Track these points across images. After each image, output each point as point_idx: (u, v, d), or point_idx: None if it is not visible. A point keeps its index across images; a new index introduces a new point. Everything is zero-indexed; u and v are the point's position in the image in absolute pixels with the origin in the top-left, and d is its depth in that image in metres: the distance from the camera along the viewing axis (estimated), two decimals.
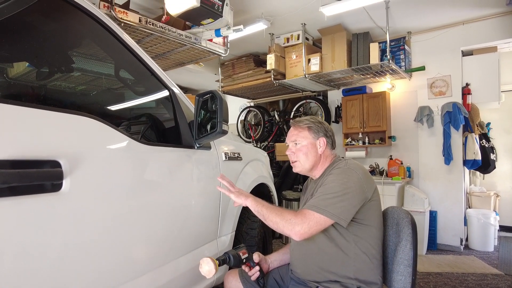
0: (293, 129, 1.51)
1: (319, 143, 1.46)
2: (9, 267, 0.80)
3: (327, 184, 1.32)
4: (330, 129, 1.52)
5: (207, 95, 1.51)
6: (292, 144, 1.49)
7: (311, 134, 1.46)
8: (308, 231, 1.23)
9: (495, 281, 3.11)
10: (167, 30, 2.64)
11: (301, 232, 1.22)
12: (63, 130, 0.97)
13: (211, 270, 1.25)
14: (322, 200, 1.27)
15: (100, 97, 1.90)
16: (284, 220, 1.25)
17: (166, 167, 1.42)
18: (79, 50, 1.67)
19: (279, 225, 1.26)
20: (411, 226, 1.31)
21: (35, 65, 1.66)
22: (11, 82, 1.65)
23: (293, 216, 1.25)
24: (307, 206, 1.28)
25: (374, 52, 3.89)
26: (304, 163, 1.46)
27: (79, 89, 1.87)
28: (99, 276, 1.06)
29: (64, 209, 0.93)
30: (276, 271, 1.57)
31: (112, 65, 1.72)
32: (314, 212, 1.24)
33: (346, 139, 4.84)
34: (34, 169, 0.83)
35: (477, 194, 4.51)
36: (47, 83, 1.64)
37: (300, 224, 1.22)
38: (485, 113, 4.72)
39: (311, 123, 1.48)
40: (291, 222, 1.24)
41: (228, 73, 5.16)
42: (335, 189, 1.28)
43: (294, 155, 1.48)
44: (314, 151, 1.46)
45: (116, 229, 1.12)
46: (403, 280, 1.28)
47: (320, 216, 1.24)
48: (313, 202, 1.28)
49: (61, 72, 1.70)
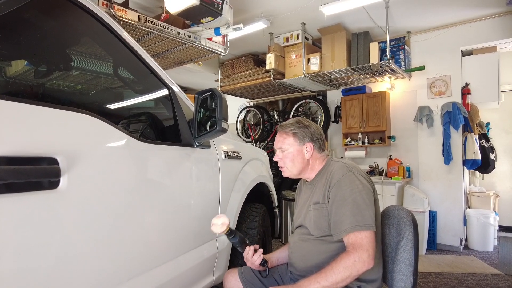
0: (279, 135, 1.49)
1: (305, 149, 1.44)
2: (6, 264, 0.79)
3: (347, 198, 1.28)
4: (317, 132, 1.47)
5: (207, 93, 1.50)
6: (279, 150, 1.48)
7: (297, 140, 1.44)
8: (371, 254, 1.20)
9: (495, 281, 3.10)
10: (166, 28, 2.63)
11: (369, 261, 1.19)
12: (60, 127, 0.96)
13: (225, 222, 1.31)
14: (356, 215, 1.24)
15: (99, 95, 1.88)
16: (349, 267, 1.17)
17: (165, 165, 1.41)
18: (78, 47, 1.65)
19: (351, 276, 1.18)
20: (412, 225, 1.30)
21: (33, 63, 1.64)
22: (9, 80, 1.64)
23: (351, 257, 1.19)
24: (349, 229, 1.23)
25: (374, 52, 3.88)
26: (291, 169, 1.45)
27: (77, 87, 1.86)
28: (96, 275, 1.05)
29: (62, 207, 0.91)
30: (275, 270, 1.57)
31: (111, 63, 1.71)
32: (361, 232, 1.22)
33: (346, 139, 4.83)
34: (30, 166, 0.82)
35: (476, 194, 4.50)
36: (45, 81, 1.62)
37: (360, 256, 1.18)
38: (485, 113, 4.72)
39: (296, 128, 1.45)
40: (355, 262, 1.18)
41: (227, 72, 5.15)
42: (360, 200, 1.27)
43: (281, 161, 1.47)
44: (301, 157, 1.44)
45: (114, 227, 1.11)
46: (404, 279, 1.27)
47: (367, 233, 1.22)
48: (351, 221, 1.23)
49: (59, 70, 1.68)
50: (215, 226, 1.32)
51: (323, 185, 1.36)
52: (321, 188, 1.38)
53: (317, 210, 1.36)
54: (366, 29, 4.13)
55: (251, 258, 1.45)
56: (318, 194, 1.38)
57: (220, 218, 1.32)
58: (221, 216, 1.33)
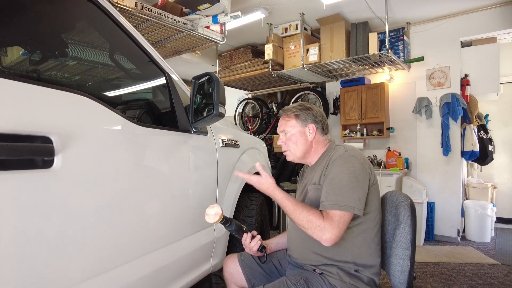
0: (282, 119, 1.50)
1: (308, 130, 1.44)
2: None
3: (335, 177, 1.28)
4: (320, 114, 1.48)
5: (204, 77, 1.48)
6: (282, 134, 1.48)
7: (299, 122, 1.44)
8: (339, 235, 1.19)
9: (492, 271, 3.12)
10: (163, 16, 2.60)
11: (332, 238, 1.18)
12: (55, 106, 0.94)
13: (218, 212, 1.30)
14: (338, 195, 1.23)
15: (95, 79, 1.86)
16: (313, 226, 1.20)
17: (162, 150, 1.39)
18: (73, 32, 1.63)
19: (308, 231, 1.22)
20: (410, 209, 1.29)
21: (28, 49, 1.62)
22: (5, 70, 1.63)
23: (321, 221, 1.20)
24: (327, 206, 1.23)
25: (373, 42, 3.86)
26: (295, 151, 1.45)
27: (73, 71, 1.84)
28: (91, 258, 1.04)
29: (56, 187, 0.90)
30: (274, 256, 1.57)
31: (107, 48, 1.69)
32: (337, 211, 1.21)
33: (344, 131, 4.82)
34: (23, 143, 0.80)
35: (474, 186, 4.51)
36: (41, 66, 1.60)
37: (329, 230, 1.18)
38: (484, 105, 4.70)
39: (298, 110, 1.45)
40: (320, 228, 1.19)
41: (225, 64, 5.12)
42: (346, 181, 1.25)
43: (284, 144, 1.47)
44: (304, 139, 1.44)
45: (109, 210, 1.10)
46: (401, 263, 1.26)
47: (344, 214, 1.21)
48: (331, 200, 1.23)
49: (55, 57, 1.66)
50: (209, 217, 1.31)
51: (323, 168, 1.36)
52: (319, 171, 1.37)
53: (314, 191, 1.36)
54: (365, 20, 4.10)
55: (249, 245, 1.45)
56: (317, 175, 1.38)
57: (213, 208, 1.32)
58: (214, 206, 1.32)
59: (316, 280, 1.28)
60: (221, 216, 1.32)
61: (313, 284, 1.27)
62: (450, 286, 2.80)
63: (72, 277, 0.97)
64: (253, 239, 1.46)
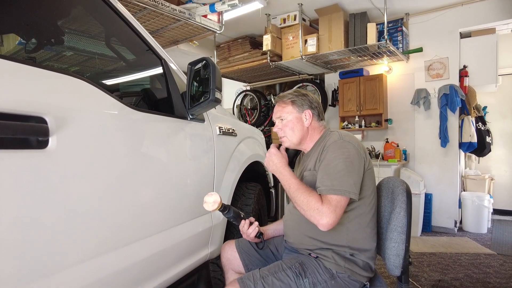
0: (277, 105, 1.49)
1: (304, 116, 1.44)
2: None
3: (330, 162, 1.28)
4: (315, 100, 1.48)
5: (200, 63, 1.48)
6: (278, 120, 1.48)
7: (295, 108, 1.44)
8: (336, 220, 1.19)
9: (488, 260, 3.15)
10: (160, 4, 2.58)
11: (330, 223, 1.18)
12: (50, 88, 0.94)
13: (217, 200, 1.31)
14: (333, 180, 1.23)
15: (91, 66, 1.85)
16: (311, 208, 1.21)
17: (158, 135, 1.39)
18: (69, 17, 1.61)
19: (306, 213, 1.23)
20: (405, 193, 1.30)
21: (23, 37, 1.61)
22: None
23: (319, 204, 1.20)
24: (323, 190, 1.23)
25: (372, 33, 3.84)
26: (291, 138, 1.45)
27: (69, 58, 1.83)
28: (87, 241, 1.04)
29: (51, 168, 0.90)
30: (271, 242, 1.58)
31: (103, 34, 1.67)
32: (333, 195, 1.21)
33: (343, 123, 4.82)
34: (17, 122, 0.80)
35: (472, 177, 4.53)
36: (37, 55, 1.59)
37: (327, 214, 1.18)
38: (482, 97, 4.71)
39: (294, 96, 1.45)
40: (318, 211, 1.19)
41: (223, 55, 5.10)
42: (342, 166, 1.25)
43: (281, 131, 1.46)
44: (301, 125, 1.44)
45: (104, 193, 1.09)
46: (396, 247, 1.27)
47: (341, 198, 1.21)
48: (327, 184, 1.23)
49: (50, 45, 1.65)
50: (207, 204, 1.32)
51: (317, 154, 1.36)
52: (315, 157, 1.38)
53: (310, 177, 1.36)
54: (364, 10, 4.08)
55: (247, 231, 1.46)
56: (312, 162, 1.38)
57: (212, 196, 1.32)
58: (213, 194, 1.33)
59: (311, 263, 1.29)
60: (220, 204, 1.33)
61: (308, 268, 1.28)
62: (446, 274, 2.83)
63: (67, 258, 0.97)
64: (251, 226, 1.47)
